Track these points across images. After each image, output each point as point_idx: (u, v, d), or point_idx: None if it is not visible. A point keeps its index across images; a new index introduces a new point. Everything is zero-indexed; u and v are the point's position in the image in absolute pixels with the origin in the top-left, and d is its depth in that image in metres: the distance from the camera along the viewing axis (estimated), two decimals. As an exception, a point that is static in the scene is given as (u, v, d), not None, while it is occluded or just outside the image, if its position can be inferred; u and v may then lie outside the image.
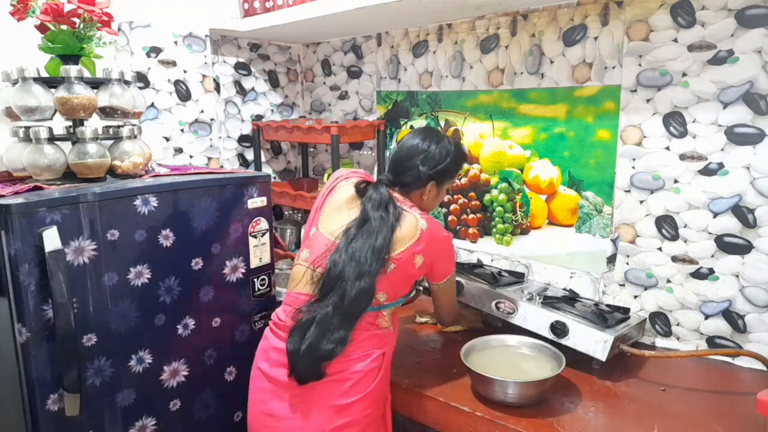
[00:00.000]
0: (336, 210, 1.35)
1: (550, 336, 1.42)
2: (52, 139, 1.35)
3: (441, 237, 1.32)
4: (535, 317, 1.47)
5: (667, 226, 1.50)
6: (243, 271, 1.55)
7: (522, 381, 1.22)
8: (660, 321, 1.55)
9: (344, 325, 1.19)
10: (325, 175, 2.26)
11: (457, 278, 1.60)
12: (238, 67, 2.28)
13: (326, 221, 1.34)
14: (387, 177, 1.36)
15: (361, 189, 1.34)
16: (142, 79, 1.96)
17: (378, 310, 1.25)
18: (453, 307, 1.52)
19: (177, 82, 2.05)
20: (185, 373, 1.43)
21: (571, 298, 1.59)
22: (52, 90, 1.37)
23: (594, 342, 1.35)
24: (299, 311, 1.22)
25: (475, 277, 1.68)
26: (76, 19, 1.41)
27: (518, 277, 1.73)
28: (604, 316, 1.41)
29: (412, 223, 1.27)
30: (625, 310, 1.52)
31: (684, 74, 1.43)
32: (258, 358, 1.32)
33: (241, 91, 2.31)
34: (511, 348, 1.41)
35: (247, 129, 2.34)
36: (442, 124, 1.99)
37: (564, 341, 1.39)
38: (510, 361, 1.36)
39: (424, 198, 1.37)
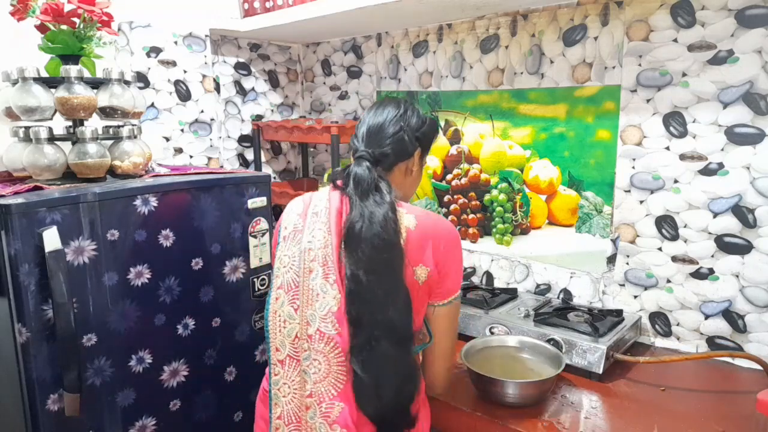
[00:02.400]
0: (292, 233, 1.08)
1: None
2: (52, 139, 1.35)
3: (438, 229, 1.03)
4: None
5: (667, 226, 1.50)
6: (243, 271, 1.55)
7: (522, 381, 1.22)
8: (660, 321, 1.55)
9: (403, 351, 0.97)
10: (325, 175, 2.26)
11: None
12: (238, 67, 2.28)
13: (287, 247, 1.08)
14: (366, 151, 1.08)
15: (338, 175, 1.09)
16: (142, 79, 1.96)
17: None
18: (453, 354, 1.13)
19: (177, 82, 2.05)
20: (185, 373, 1.43)
21: (564, 308, 1.59)
22: (52, 90, 1.37)
23: (588, 355, 1.35)
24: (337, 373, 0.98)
25: (467, 303, 1.65)
26: (76, 19, 1.41)
27: (511, 294, 1.74)
28: (595, 326, 1.41)
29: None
30: (618, 312, 1.52)
31: (684, 74, 1.43)
32: None
33: (241, 91, 2.31)
34: (511, 348, 1.41)
35: (247, 129, 2.34)
36: (443, 124, 1.99)
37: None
38: (510, 362, 1.36)
39: (409, 173, 1.14)
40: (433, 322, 1.08)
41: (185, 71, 2.07)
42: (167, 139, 2.05)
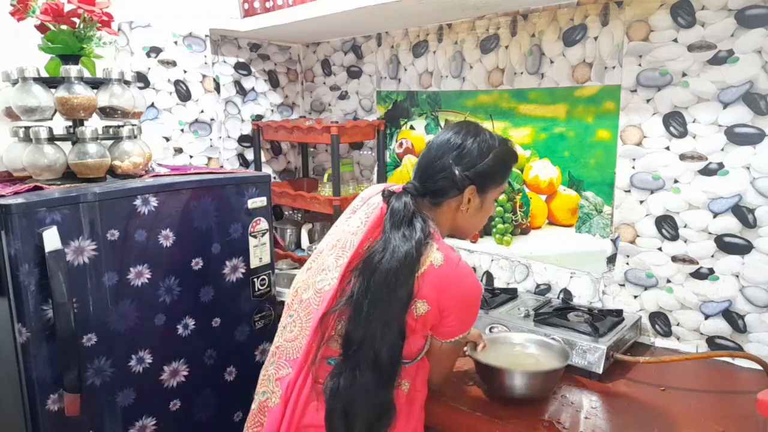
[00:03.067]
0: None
1: None
2: (52, 139, 1.35)
3: (460, 282, 1.01)
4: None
5: (667, 226, 1.50)
6: (243, 271, 1.55)
7: (531, 371, 1.22)
8: (660, 321, 1.55)
9: (382, 387, 0.99)
10: (325, 176, 2.26)
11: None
12: (238, 67, 2.28)
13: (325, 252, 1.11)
14: (413, 185, 1.08)
15: (386, 196, 1.09)
16: (142, 79, 1.96)
17: None
18: (448, 373, 1.19)
19: (177, 82, 2.05)
20: (185, 373, 1.43)
21: (564, 308, 1.59)
22: (52, 90, 1.37)
23: (588, 355, 1.35)
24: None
25: None
26: (76, 19, 1.41)
27: (511, 294, 1.74)
28: (595, 326, 1.41)
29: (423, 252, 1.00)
30: (618, 312, 1.52)
31: (684, 74, 1.43)
32: None
33: (241, 91, 2.31)
34: (516, 345, 1.41)
35: (247, 129, 2.34)
36: (443, 124, 1.99)
37: None
38: (517, 357, 1.35)
39: (462, 210, 1.09)
40: (433, 353, 1.10)
41: (185, 71, 2.07)
42: (167, 139, 2.05)
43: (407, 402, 1.09)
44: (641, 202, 1.54)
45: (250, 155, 2.37)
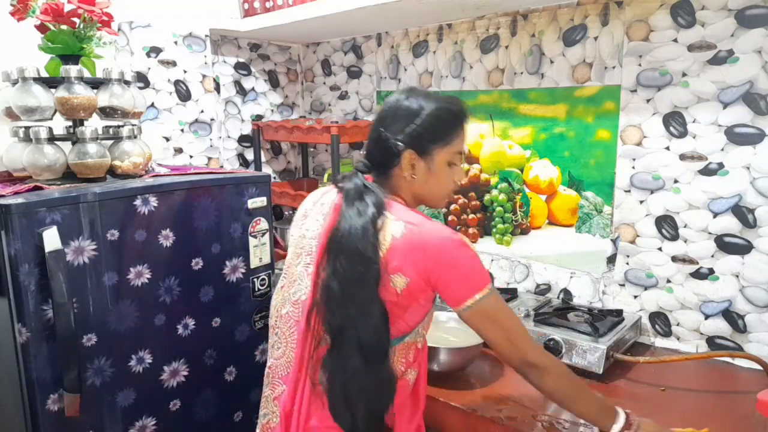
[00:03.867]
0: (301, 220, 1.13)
1: None
2: (52, 139, 1.35)
3: (428, 242, 0.96)
4: None
5: (667, 226, 1.50)
6: (243, 271, 1.55)
7: (449, 347, 1.32)
8: (660, 321, 1.55)
9: (373, 366, 0.96)
10: (325, 176, 2.26)
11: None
12: (238, 67, 2.28)
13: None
14: (362, 162, 1.07)
15: (338, 181, 1.07)
16: (142, 79, 1.96)
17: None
18: (519, 341, 0.99)
19: (177, 82, 2.05)
20: (185, 373, 1.43)
21: (564, 308, 1.59)
22: (52, 90, 1.37)
23: (588, 355, 1.35)
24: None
25: None
26: (76, 19, 1.41)
27: (512, 294, 1.75)
28: (595, 326, 1.41)
29: (383, 229, 0.97)
30: (618, 313, 1.52)
31: (684, 74, 1.43)
32: None
33: (241, 91, 2.31)
34: (441, 324, 1.49)
35: (247, 129, 2.34)
36: (442, 124, 1.99)
37: (560, 359, 1.39)
38: (442, 335, 1.44)
39: (406, 177, 1.04)
40: (473, 327, 1.01)
41: (185, 71, 2.07)
42: (167, 139, 2.05)
43: (412, 395, 1.09)
44: (641, 202, 1.54)
45: (250, 155, 2.37)
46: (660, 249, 1.52)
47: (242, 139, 2.34)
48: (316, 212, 1.09)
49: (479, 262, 0.99)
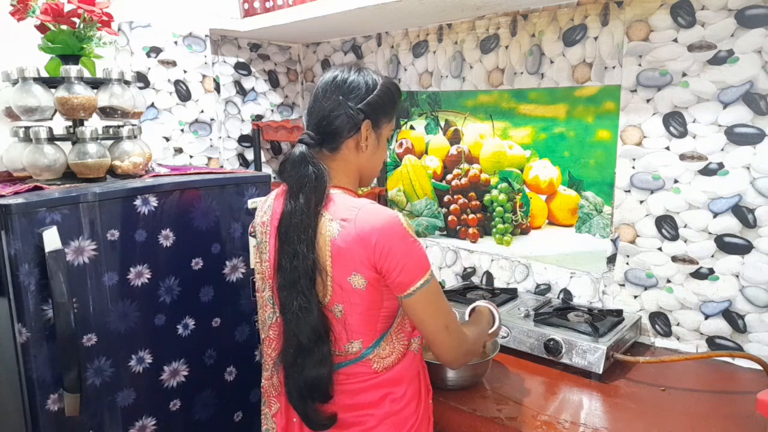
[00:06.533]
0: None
1: (546, 356, 1.42)
2: (52, 139, 1.35)
3: (368, 233, 0.93)
4: (529, 339, 1.46)
5: (667, 226, 1.50)
6: (243, 271, 1.55)
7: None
8: (660, 321, 1.55)
9: (308, 357, 0.99)
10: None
11: None
12: (238, 67, 2.28)
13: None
14: (307, 134, 1.02)
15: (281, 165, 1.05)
16: (142, 79, 1.96)
17: (354, 363, 1.01)
18: (456, 331, 1.01)
19: (177, 82, 2.05)
20: (185, 373, 1.43)
21: (564, 308, 1.59)
22: (52, 90, 1.37)
23: (588, 355, 1.35)
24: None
25: (465, 303, 1.60)
26: (76, 19, 1.41)
27: (511, 294, 1.75)
28: (595, 326, 1.41)
29: (321, 232, 0.95)
30: (618, 313, 1.52)
31: (684, 74, 1.43)
32: None
33: (241, 91, 2.31)
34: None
35: (247, 129, 2.34)
36: (443, 124, 1.99)
37: (560, 359, 1.40)
38: None
39: (362, 148, 1.03)
40: (409, 312, 0.99)
41: (185, 71, 2.06)
42: (167, 139, 2.05)
43: (421, 366, 1.10)
44: (641, 202, 1.54)
45: (250, 155, 2.37)
46: (660, 249, 1.52)
47: (242, 139, 2.34)
48: (264, 235, 1.10)
49: (418, 247, 0.96)
